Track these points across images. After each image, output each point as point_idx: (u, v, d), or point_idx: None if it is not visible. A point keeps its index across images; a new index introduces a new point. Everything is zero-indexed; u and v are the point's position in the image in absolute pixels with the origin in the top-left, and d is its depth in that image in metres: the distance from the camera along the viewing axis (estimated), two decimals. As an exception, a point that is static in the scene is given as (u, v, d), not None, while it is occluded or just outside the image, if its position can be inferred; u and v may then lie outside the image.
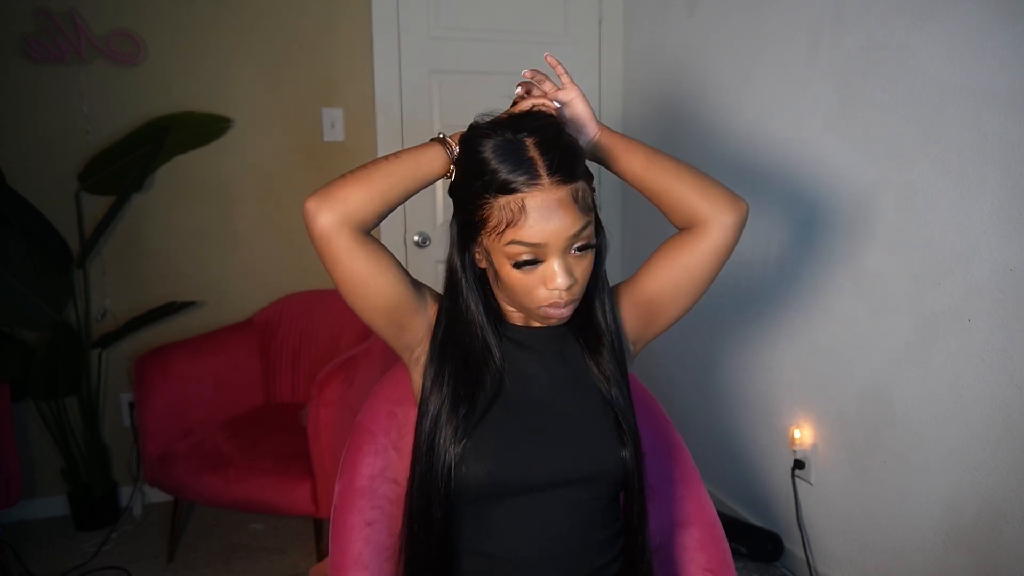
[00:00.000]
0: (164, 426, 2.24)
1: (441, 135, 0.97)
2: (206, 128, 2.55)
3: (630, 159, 1.00)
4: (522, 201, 0.86)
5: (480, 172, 0.88)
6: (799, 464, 2.05)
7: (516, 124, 0.90)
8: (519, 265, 0.89)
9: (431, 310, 1.01)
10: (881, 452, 1.80)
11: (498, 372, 0.99)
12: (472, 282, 0.98)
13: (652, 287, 1.03)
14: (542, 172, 0.86)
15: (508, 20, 2.79)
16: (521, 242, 0.87)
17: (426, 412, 0.98)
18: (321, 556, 2.17)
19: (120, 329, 2.45)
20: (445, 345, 0.99)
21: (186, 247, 2.61)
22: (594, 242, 0.92)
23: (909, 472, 1.73)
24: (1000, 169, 1.46)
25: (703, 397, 2.52)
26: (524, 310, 0.97)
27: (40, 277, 2.21)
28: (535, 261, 0.89)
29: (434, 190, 2.80)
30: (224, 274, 2.66)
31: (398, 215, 2.78)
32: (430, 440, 0.96)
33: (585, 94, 1.02)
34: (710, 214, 0.98)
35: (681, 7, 2.50)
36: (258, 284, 2.69)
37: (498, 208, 0.87)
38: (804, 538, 2.07)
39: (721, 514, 1.32)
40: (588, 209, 0.91)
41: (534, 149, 0.88)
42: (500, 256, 0.90)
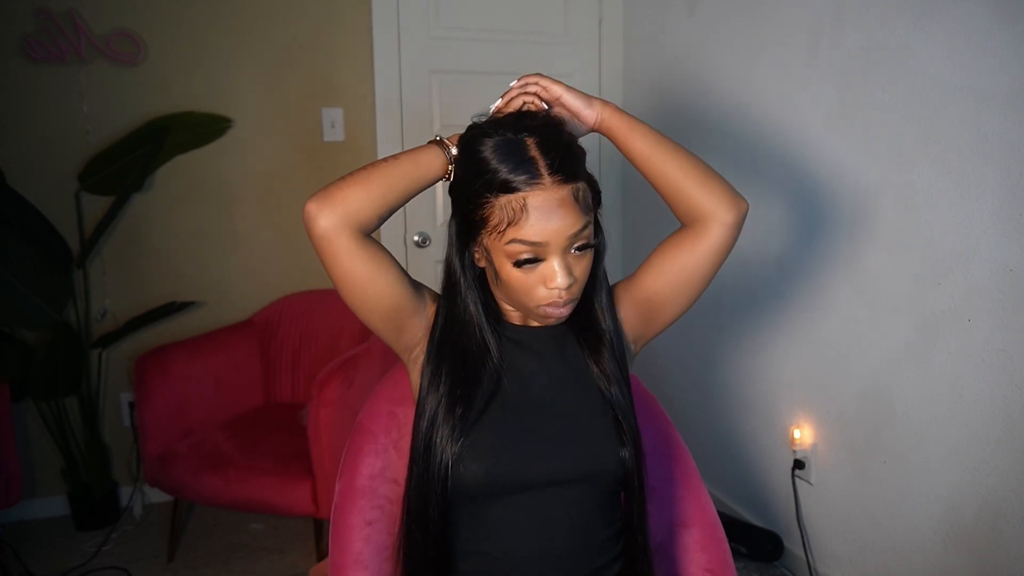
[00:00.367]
0: (164, 426, 2.24)
1: (439, 137, 0.97)
2: (206, 128, 2.55)
3: (634, 141, 0.99)
4: (523, 200, 0.86)
5: (481, 171, 0.88)
6: (799, 464, 2.05)
7: (516, 124, 0.90)
8: (519, 264, 0.89)
9: (430, 310, 1.01)
10: (881, 452, 1.80)
11: (496, 371, 0.99)
12: (471, 281, 0.98)
13: (652, 286, 1.03)
14: (543, 171, 0.87)
15: (508, 20, 2.79)
16: (522, 241, 0.87)
17: (423, 411, 0.98)
18: (321, 556, 2.16)
19: (120, 329, 2.45)
20: (443, 344, 0.99)
21: (186, 247, 2.61)
22: (593, 242, 0.93)
23: (909, 472, 1.73)
24: (1000, 169, 1.46)
25: (703, 397, 2.52)
26: (523, 309, 0.97)
27: (40, 277, 2.21)
28: (535, 260, 0.89)
29: (434, 190, 2.80)
30: (224, 274, 2.66)
31: (398, 215, 2.78)
32: (427, 439, 0.96)
33: (577, 88, 0.99)
34: (710, 212, 0.98)
35: (681, 7, 2.50)
36: (258, 284, 2.69)
37: (499, 207, 0.87)
38: (804, 538, 2.07)
39: (721, 514, 1.32)
40: (588, 209, 0.91)
41: (535, 149, 0.88)
42: (500, 255, 0.90)
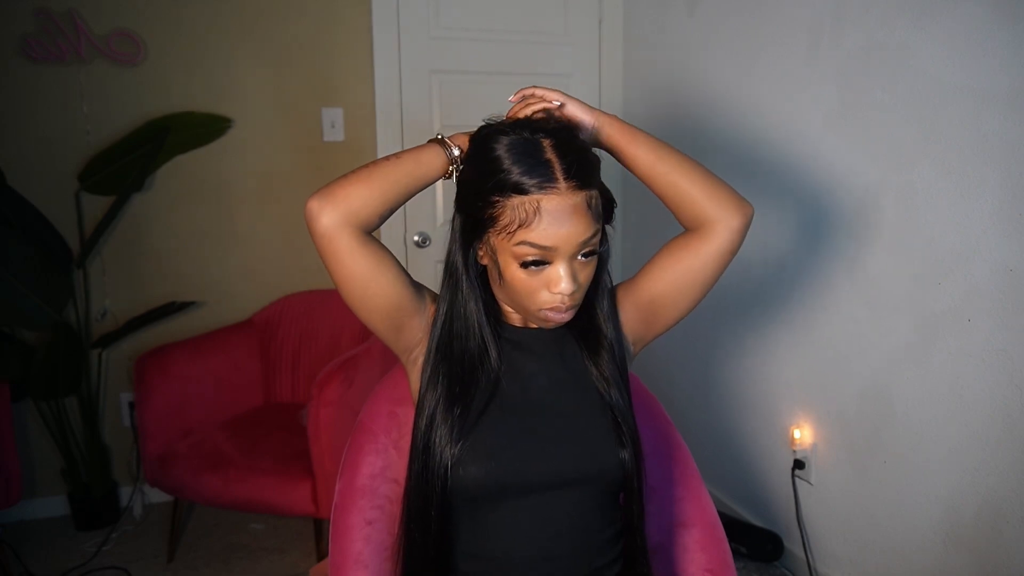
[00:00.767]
0: (164, 426, 2.24)
1: (440, 136, 0.97)
2: (206, 128, 2.55)
3: (636, 151, 0.98)
4: (538, 203, 0.86)
5: (494, 170, 0.87)
6: (799, 464, 2.05)
7: (533, 124, 0.90)
8: (526, 265, 0.89)
9: (429, 311, 1.01)
10: (881, 452, 1.80)
11: (494, 372, 0.98)
12: (473, 279, 0.97)
13: (654, 288, 1.03)
14: (559, 176, 0.86)
15: (508, 20, 2.79)
16: (532, 244, 0.87)
17: (422, 410, 0.98)
18: (321, 556, 2.16)
19: (120, 329, 2.45)
20: (442, 343, 0.99)
21: (186, 247, 2.61)
22: (600, 249, 0.93)
23: (909, 472, 1.73)
24: (1000, 169, 1.46)
25: (703, 397, 2.52)
26: (524, 311, 0.96)
27: (40, 277, 2.21)
28: (542, 262, 0.89)
29: (434, 190, 2.80)
30: (224, 274, 2.66)
31: (398, 215, 2.78)
32: (426, 439, 0.96)
33: (583, 94, 1.00)
34: (716, 217, 0.98)
35: (681, 7, 2.50)
36: (258, 284, 2.69)
37: (511, 208, 0.87)
38: (804, 538, 2.07)
39: (721, 514, 1.32)
40: (599, 217, 0.91)
41: (551, 151, 0.87)
42: (507, 255, 0.90)
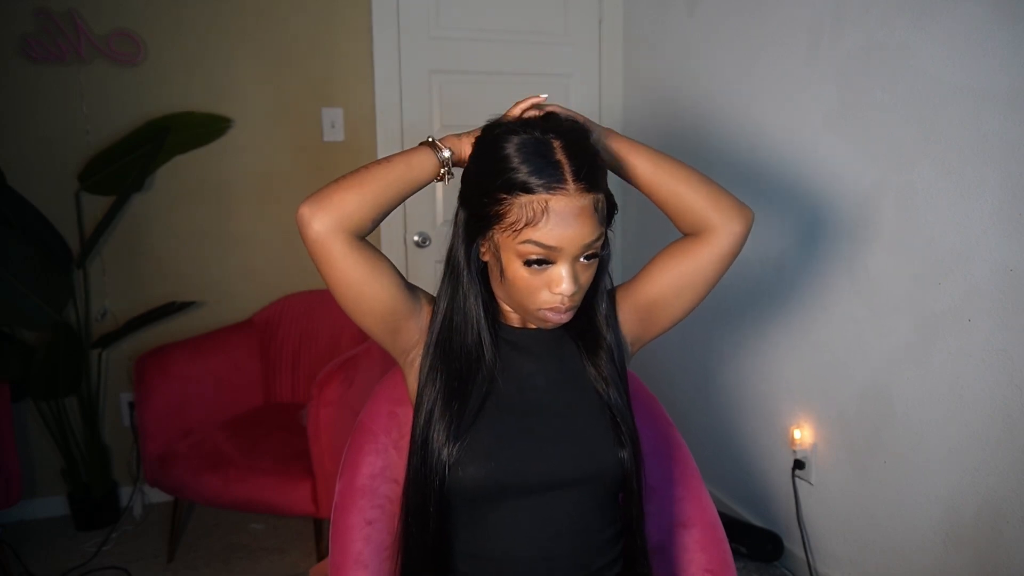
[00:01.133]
0: (164, 426, 2.24)
1: (431, 139, 0.97)
2: (206, 128, 2.55)
3: (635, 163, 1.00)
4: (546, 203, 0.86)
5: (503, 168, 0.88)
6: (799, 464, 2.05)
7: (544, 124, 0.90)
8: (529, 263, 0.89)
9: (425, 312, 1.01)
10: (881, 452, 1.80)
11: (490, 368, 0.99)
12: (474, 275, 0.97)
13: (654, 290, 1.04)
14: (569, 177, 0.86)
15: (508, 20, 2.79)
16: (537, 243, 0.87)
17: (421, 406, 0.98)
18: (321, 556, 2.16)
19: (120, 329, 2.45)
20: (442, 337, 0.99)
21: (186, 247, 2.61)
22: (602, 252, 0.93)
23: (909, 472, 1.73)
24: (1000, 169, 1.46)
25: (703, 397, 2.52)
26: (523, 310, 0.96)
27: (40, 277, 2.21)
28: (545, 262, 0.89)
29: (433, 190, 2.80)
30: (224, 274, 2.66)
31: (398, 215, 2.78)
32: (424, 434, 0.96)
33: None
34: (719, 222, 0.99)
35: (681, 7, 2.50)
36: (258, 284, 2.69)
37: (518, 206, 0.87)
38: (804, 538, 2.07)
39: (721, 514, 1.32)
40: (604, 221, 0.91)
41: (562, 152, 0.87)
42: (511, 253, 0.90)
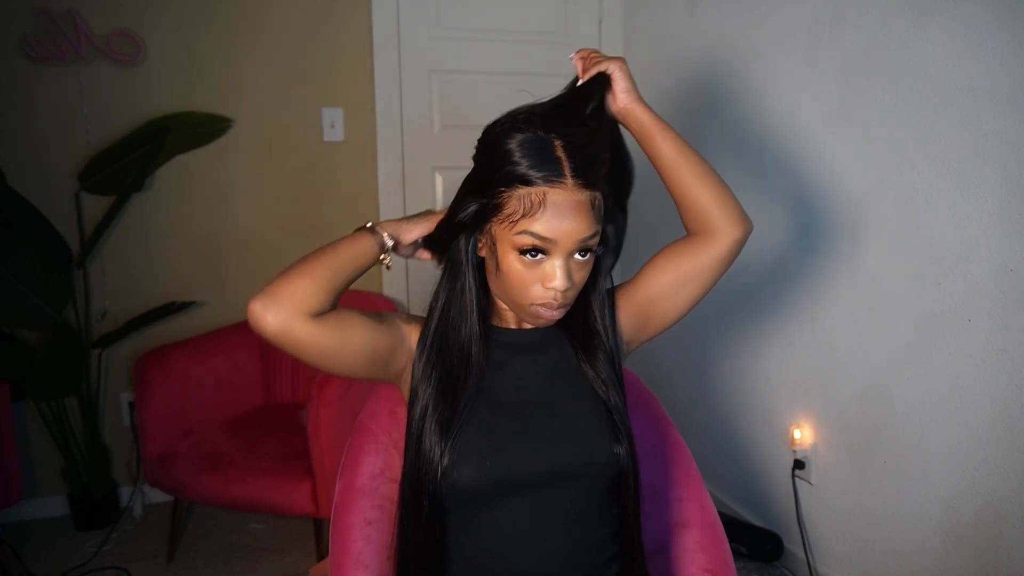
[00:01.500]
0: (164, 426, 2.24)
1: (369, 224, 0.99)
2: (206, 128, 2.54)
3: (662, 143, 1.02)
4: (543, 195, 0.87)
5: (504, 162, 0.89)
6: (799, 464, 2.05)
7: (546, 123, 0.90)
8: (524, 252, 0.90)
9: (408, 336, 1.01)
10: (881, 452, 1.80)
11: (479, 366, 0.99)
12: (472, 268, 0.98)
13: (652, 289, 1.05)
14: (567, 172, 0.88)
15: (508, 20, 2.79)
16: (533, 233, 0.88)
17: (415, 404, 0.99)
18: (321, 556, 2.16)
19: (120, 329, 2.44)
20: (439, 332, 0.99)
21: (186, 247, 2.61)
22: (598, 250, 0.94)
23: (909, 472, 1.73)
24: (1000, 169, 1.46)
25: (703, 397, 2.52)
26: (516, 306, 0.96)
27: (40, 277, 2.21)
28: (540, 251, 0.90)
29: (433, 191, 2.80)
30: (224, 274, 2.66)
31: (398, 215, 2.78)
32: (419, 431, 0.97)
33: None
34: (722, 225, 1.01)
35: (681, 7, 2.50)
36: (258, 284, 2.65)
37: (516, 197, 0.88)
38: (804, 538, 2.07)
39: (721, 514, 1.32)
40: (600, 219, 0.92)
41: (562, 151, 0.88)
42: (506, 244, 0.91)
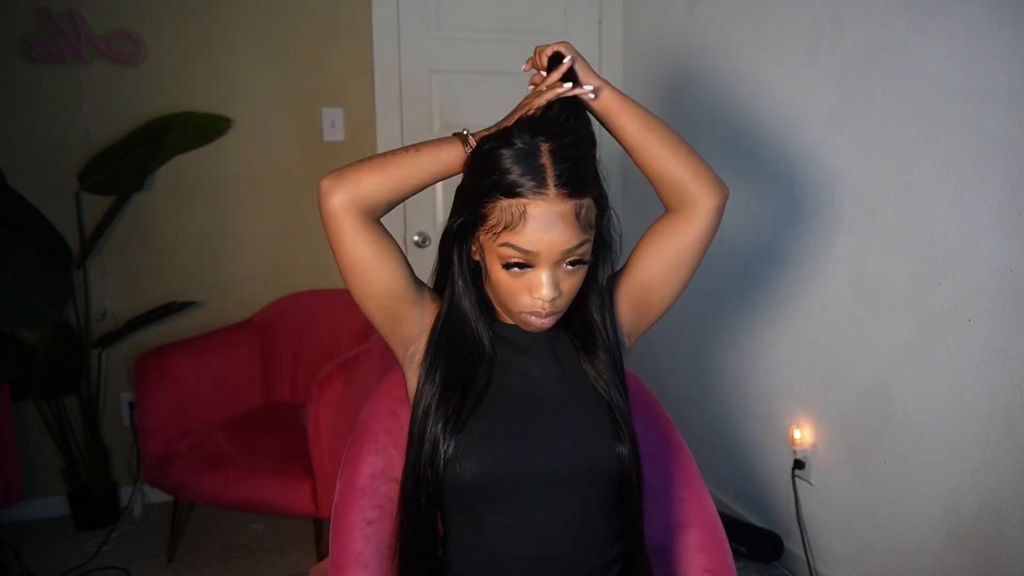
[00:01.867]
0: (164, 426, 2.24)
1: (465, 131, 0.97)
2: (206, 128, 2.55)
3: (625, 121, 0.98)
4: (524, 207, 0.86)
5: (491, 170, 0.88)
6: (799, 464, 2.05)
7: (535, 127, 0.89)
8: (508, 267, 0.89)
9: (428, 309, 1.01)
10: (881, 452, 1.80)
11: (488, 366, 0.99)
12: (466, 275, 0.98)
13: (644, 274, 1.04)
14: (550, 182, 0.86)
15: (508, 20, 2.79)
16: (515, 247, 0.87)
17: (419, 403, 0.99)
18: (321, 556, 2.16)
19: (120, 329, 2.45)
20: (441, 335, 1.00)
21: (186, 247, 2.61)
22: (588, 259, 0.93)
23: (909, 472, 1.73)
24: (1000, 169, 1.46)
25: (703, 397, 2.52)
26: (507, 312, 0.97)
27: (40, 277, 2.21)
28: (525, 265, 0.89)
29: (433, 190, 2.80)
30: (224, 274, 2.66)
31: (398, 215, 2.78)
32: (421, 430, 0.97)
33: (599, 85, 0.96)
34: (697, 196, 0.99)
35: (681, 7, 2.50)
36: (258, 284, 2.69)
37: (499, 209, 0.87)
38: (804, 538, 2.07)
39: (721, 514, 1.32)
40: (589, 227, 0.90)
41: (547, 156, 0.87)
42: (492, 255, 0.91)
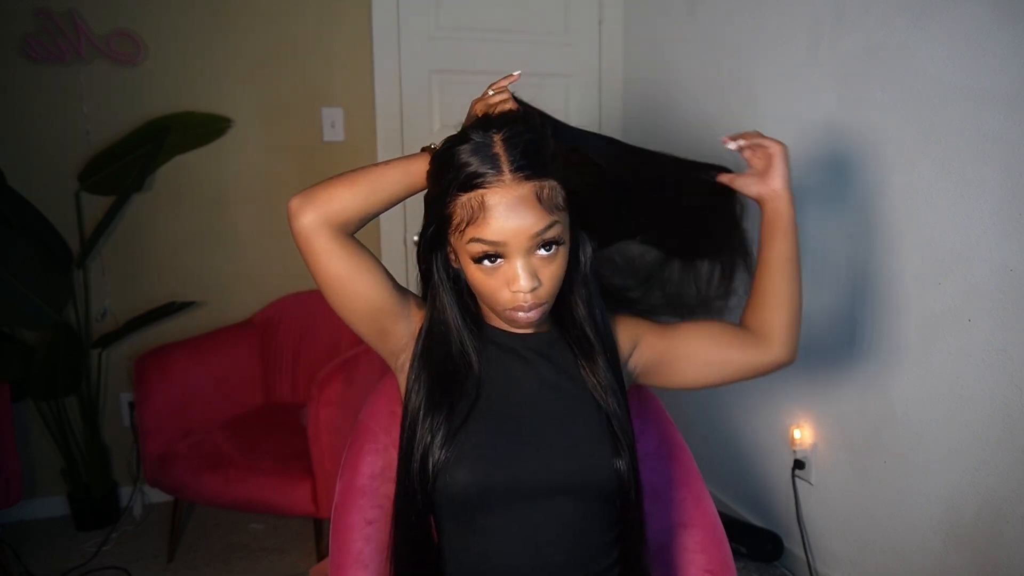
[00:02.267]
0: (164, 426, 2.24)
1: (432, 145, 0.96)
2: (206, 128, 2.55)
3: (785, 241, 1.04)
4: (482, 198, 0.85)
5: (448, 168, 0.87)
6: (799, 464, 2.05)
7: (487, 123, 0.89)
8: (479, 261, 0.88)
9: (415, 317, 1.00)
10: (881, 452, 1.80)
11: (476, 376, 0.97)
12: (447, 283, 0.97)
13: (682, 347, 1.06)
14: (504, 168, 0.85)
15: (508, 20, 2.79)
16: (481, 240, 0.86)
17: (407, 414, 0.97)
18: (321, 556, 2.16)
19: (120, 329, 2.45)
20: (424, 347, 0.98)
21: (186, 247, 2.61)
22: (563, 240, 0.90)
23: (909, 472, 1.73)
24: (1000, 169, 1.46)
25: (703, 397, 2.52)
26: (494, 312, 0.95)
27: (40, 277, 2.21)
28: (495, 257, 0.87)
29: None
30: (224, 274, 2.66)
31: (398, 215, 2.78)
32: (409, 440, 0.95)
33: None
34: (778, 343, 1.05)
35: (681, 7, 2.50)
36: (258, 284, 2.69)
37: (460, 205, 0.86)
38: (804, 538, 2.07)
39: (721, 514, 1.31)
40: (555, 208, 0.88)
41: (500, 145, 0.86)
42: (464, 255, 0.89)
